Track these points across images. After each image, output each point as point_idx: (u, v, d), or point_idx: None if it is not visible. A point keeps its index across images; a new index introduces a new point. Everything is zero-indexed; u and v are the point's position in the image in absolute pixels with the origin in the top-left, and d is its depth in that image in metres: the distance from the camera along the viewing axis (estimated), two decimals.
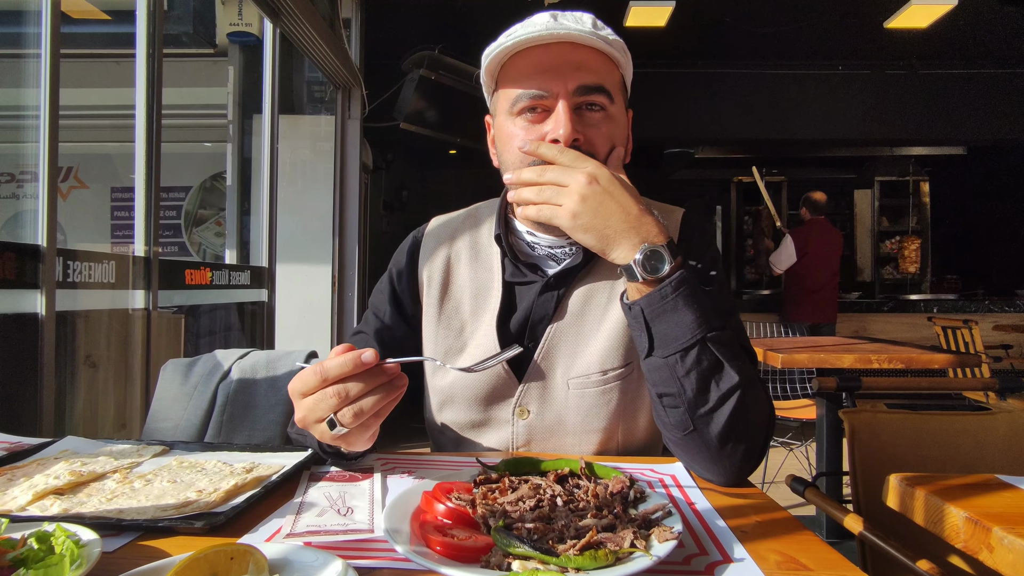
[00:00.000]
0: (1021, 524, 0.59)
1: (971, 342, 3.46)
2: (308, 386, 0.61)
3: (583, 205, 0.70)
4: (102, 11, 3.75)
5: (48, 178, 1.49)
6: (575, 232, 0.72)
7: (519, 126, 0.80)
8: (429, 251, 0.94)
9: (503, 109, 0.83)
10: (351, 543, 0.53)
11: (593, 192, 0.71)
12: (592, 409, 0.83)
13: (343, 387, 0.59)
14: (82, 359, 1.73)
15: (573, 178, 0.71)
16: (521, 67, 0.80)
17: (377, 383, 0.60)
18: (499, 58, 0.81)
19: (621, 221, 0.71)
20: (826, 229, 4.56)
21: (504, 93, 0.82)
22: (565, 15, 0.80)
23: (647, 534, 0.51)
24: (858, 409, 1.16)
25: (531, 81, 0.78)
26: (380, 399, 0.60)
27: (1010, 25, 4.53)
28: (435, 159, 7.27)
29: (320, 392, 0.60)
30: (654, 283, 0.70)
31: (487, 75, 0.85)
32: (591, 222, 0.71)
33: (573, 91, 0.77)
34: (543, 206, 0.73)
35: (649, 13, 4.15)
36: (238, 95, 3.85)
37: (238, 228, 3.74)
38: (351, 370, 0.59)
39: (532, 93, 0.78)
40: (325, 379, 0.59)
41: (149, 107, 1.94)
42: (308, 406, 0.61)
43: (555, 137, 0.76)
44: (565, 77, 0.77)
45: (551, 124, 0.78)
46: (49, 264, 1.46)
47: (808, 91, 5.54)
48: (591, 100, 0.78)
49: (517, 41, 0.77)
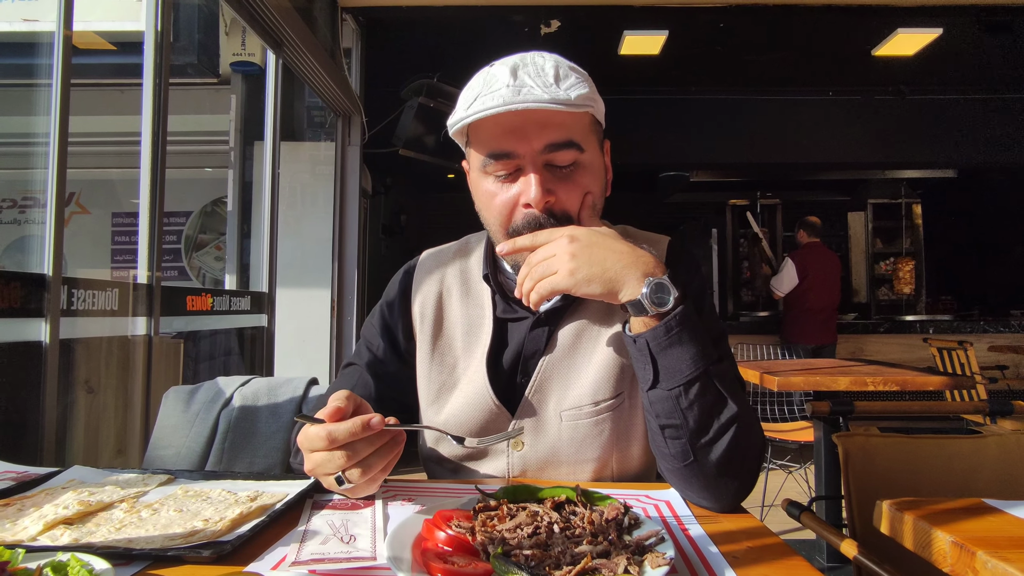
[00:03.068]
0: (1005, 548, 0.61)
1: (966, 363, 3.48)
2: (315, 446, 0.65)
3: (575, 261, 0.73)
4: (108, 42, 3.85)
5: (55, 207, 1.52)
6: (580, 288, 0.73)
7: (492, 186, 0.82)
8: (420, 286, 0.95)
9: (476, 166, 0.84)
10: (354, 571, 0.54)
11: (579, 246, 0.74)
12: (585, 440, 0.84)
13: (351, 448, 0.64)
14: (83, 387, 1.74)
15: (557, 244, 0.75)
16: (489, 128, 0.80)
17: (382, 442, 0.65)
18: (465, 124, 0.80)
19: (617, 262, 0.73)
20: (823, 252, 4.64)
21: (474, 153, 0.83)
22: (526, 67, 0.78)
23: (640, 560, 0.53)
24: (852, 433, 1.18)
25: (498, 144, 0.79)
26: (384, 457, 0.65)
27: (992, 52, 4.66)
28: (433, 184, 7.36)
29: (328, 452, 0.64)
30: (659, 316, 0.72)
31: (456, 133, 0.85)
32: (590, 273, 0.73)
33: (540, 150, 0.78)
34: (541, 283, 0.75)
35: (643, 42, 4.26)
36: (240, 122, 3.92)
37: (238, 253, 3.77)
38: (360, 434, 0.63)
39: (500, 154, 0.79)
40: (334, 441, 0.63)
41: (155, 135, 1.98)
42: (317, 461, 0.65)
43: (527, 202, 0.79)
44: (531, 138, 0.77)
45: (521, 186, 0.79)
46: (54, 293, 1.48)
47: (800, 116, 5.66)
48: (560, 158, 0.79)
49: (479, 114, 0.76)
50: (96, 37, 3.77)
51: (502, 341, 0.89)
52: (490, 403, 0.86)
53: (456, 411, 0.87)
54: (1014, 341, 4.85)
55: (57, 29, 1.55)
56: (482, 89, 0.78)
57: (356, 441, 0.63)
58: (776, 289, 4.65)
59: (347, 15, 3.67)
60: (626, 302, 0.73)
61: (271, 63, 2.91)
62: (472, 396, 0.87)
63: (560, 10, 3.75)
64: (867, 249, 6.64)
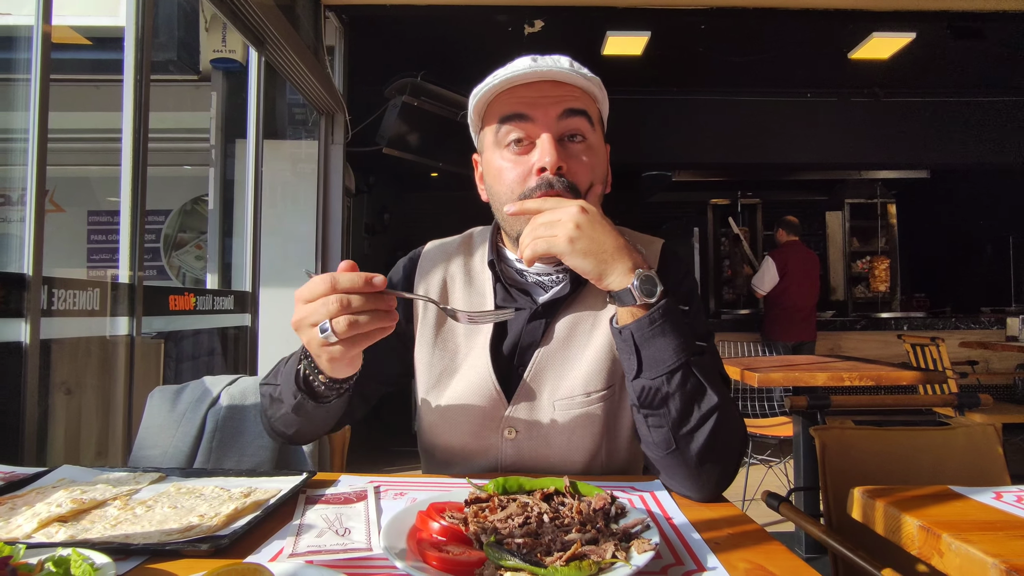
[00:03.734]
0: (968, 531, 0.64)
1: (939, 359, 3.58)
2: (315, 293, 0.64)
3: (578, 231, 0.75)
4: (83, 37, 3.77)
5: (35, 205, 1.50)
6: (573, 257, 0.75)
7: (507, 159, 0.86)
8: (425, 273, 0.98)
9: (490, 143, 0.88)
10: (352, 561, 0.56)
11: (587, 219, 0.76)
12: (577, 428, 0.87)
13: (347, 297, 0.63)
14: (63, 388, 1.72)
15: (566, 211, 0.76)
16: (506, 102, 0.86)
17: (376, 306, 0.65)
18: (486, 97, 0.87)
19: (613, 247, 0.76)
20: (802, 250, 4.74)
21: (490, 128, 0.88)
22: (544, 58, 0.86)
23: (627, 546, 0.55)
24: (828, 426, 1.22)
25: (515, 108, 0.84)
26: (376, 320, 0.64)
27: (963, 57, 4.79)
28: (416, 183, 7.34)
29: (324, 298, 0.64)
30: (645, 308, 0.75)
31: (474, 114, 0.90)
32: (588, 247, 0.75)
33: (557, 117, 0.83)
34: (539, 240, 0.77)
35: (626, 42, 4.30)
36: (221, 120, 3.88)
37: (220, 252, 3.73)
38: (360, 287, 0.64)
39: (516, 115, 0.84)
40: (334, 287, 0.63)
41: (136, 133, 1.96)
42: (309, 309, 0.65)
43: (542, 166, 0.82)
44: (548, 106, 0.83)
45: (536, 155, 0.83)
46: (35, 293, 1.46)
47: (779, 117, 5.76)
48: (573, 127, 0.84)
49: (502, 80, 0.83)
50: (70, 32, 3.69)
51: (502, 330, 0.92)
52: (492, 389, 0.88)
53: (457, 396, 0.90)
54: (983, 337, 5.00)
55: (36, 23, 1.54)
56: (503, 71, 0.84)
57: (354, 294, 0.64)
58: (758, 288, 4.73)
59: (330, 13, 3.65)
60: (614, 290, 0.76)
61: (253, 61, 2.88)
62: (475, 381, 0.89)
63: (544, 10, 3.77)
64: (844, 248, 6.78)
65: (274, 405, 0.84)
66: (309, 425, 0.85)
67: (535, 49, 0.91)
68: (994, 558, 0.57)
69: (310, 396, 0.77)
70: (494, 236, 0.98)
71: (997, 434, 1.18)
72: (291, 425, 0.84)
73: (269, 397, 0.86)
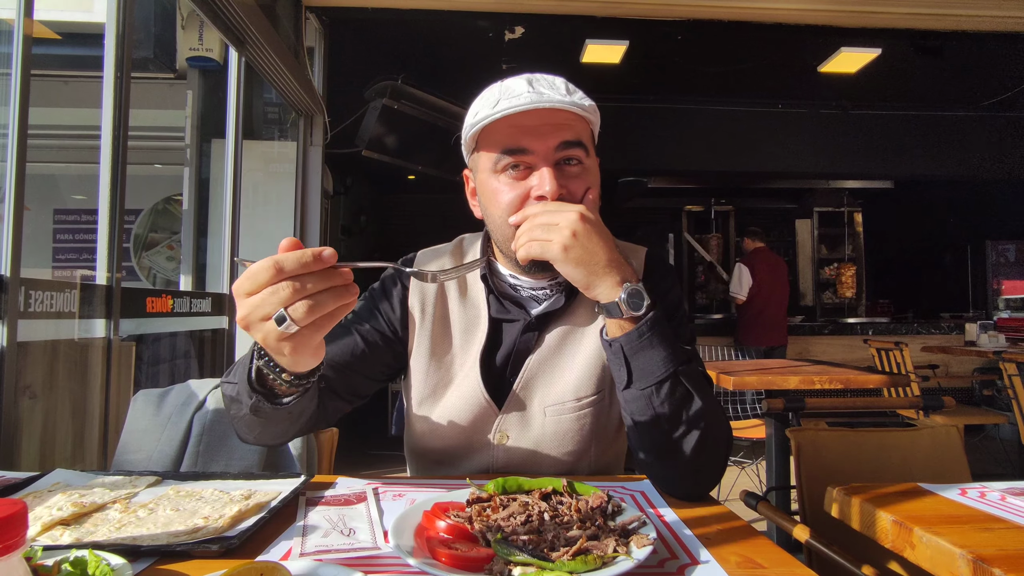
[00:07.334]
0: (937, 524, 0.69)
1: (902, 362, 3.73)
2: (259, 282, 0.55)
3: (574, 240, 0.76)
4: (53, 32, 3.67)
5: (15, 204, 1.47)
6: (566, 264, 0.77)
7: (503, 182, 0.85)
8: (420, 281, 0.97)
9: (485, 168, 0.88)
10: (362, 559, 0.57)
11: (584, 229, 0.77)
12: (567, 433, 0.90)
13: (298, 281, 0.55)
14: (39, 390, 1.68)
15: (565, 215, 0.77)
16: (504, 129, 0.84)
17: (332, 284, 0.56)
18: (483, 124, 0.85)
19: (606, 259, 0.77)
20: (769, 255, 4.90)
21: (486, 154, 0.87)
22: (540, 81, 0.86)
23: (626, 541, 0.58)
24: (803, 428, 1.27)
25: (515, 141, 0.84)
26: (335, 296, 0.56)
27: (927, 73, 5.00)
28: (394, 185, 7.31)
29: (272, 287, 0.55)
30: (633, 321, 0.77)
31: (469, 136, 0.89)
32: (581, 256, 0.76)
33: (555, 147, 0.83)
34: (533, 242, 0.78)
35: (604, 51, 4.37)
36: (196, 119, 3.82)
37: (194, 253, 3.66)
38: (311, 264, 0.55)
39: (516, 150, 0.83)
40: (280, 271, 0.55)
41: (116, 130, 1.92)
42: (256, 301, 0.56)
43: (541, 194, 0.82)
44: (546, 137, 0.83)
45: (535, 181, 0.83)
46: (12, 295, 1.43)
47: (752, 127, 5.92)
48: (570, 155, 0.85)
49: (505, 114, 0.81)
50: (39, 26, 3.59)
51: (496, 341, 0.94)
52: (481, 399, 0.90)
53: (450, 405, 0.91)
54: (944, 342, 5.21)
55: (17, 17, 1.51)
56: (501, 95, 0.84)
57: (305, 275, 0.55)
58: (736, 295, 4.87)
59: (311, 14, 3.63)
60: (602, 302, 0.78)
61: (233, 60, 2.85)
62: (466, 391, 0.91)
63: (524, 17, 3.81)
64: (813, 255, 6.99)
65: (234, 405, 0.77)
66: (274, 427, 0.78)
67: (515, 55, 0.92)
68: (962, 549, 0.61)
69: (267, 398, 0.70)
70: (486, 249, 0.98)
71: (959, 434, 1.25)
72: (253, 427, 0.79)
73: (229, 397, 0.79)
